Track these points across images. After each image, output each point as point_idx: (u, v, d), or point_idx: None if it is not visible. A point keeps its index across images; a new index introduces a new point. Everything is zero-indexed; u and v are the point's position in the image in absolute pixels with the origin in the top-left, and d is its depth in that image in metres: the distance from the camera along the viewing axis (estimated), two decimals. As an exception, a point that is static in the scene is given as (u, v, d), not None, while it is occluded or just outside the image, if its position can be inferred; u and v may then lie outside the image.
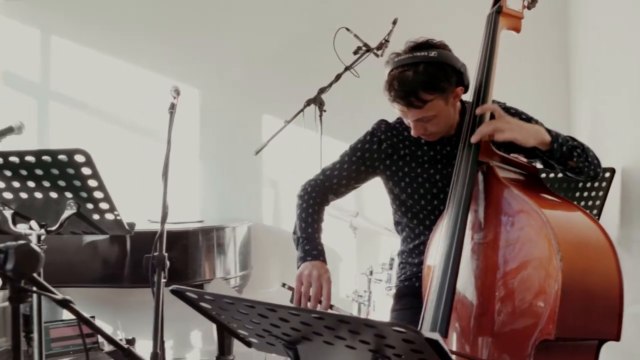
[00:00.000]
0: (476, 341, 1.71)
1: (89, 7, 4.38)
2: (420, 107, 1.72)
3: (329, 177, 2.06)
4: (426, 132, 1.81)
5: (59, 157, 1.63)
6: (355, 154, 2.04)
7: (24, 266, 1.02)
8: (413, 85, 1.69)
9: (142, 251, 3.23)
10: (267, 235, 3.98)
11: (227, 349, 3.50)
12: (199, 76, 4.16)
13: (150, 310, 3.94)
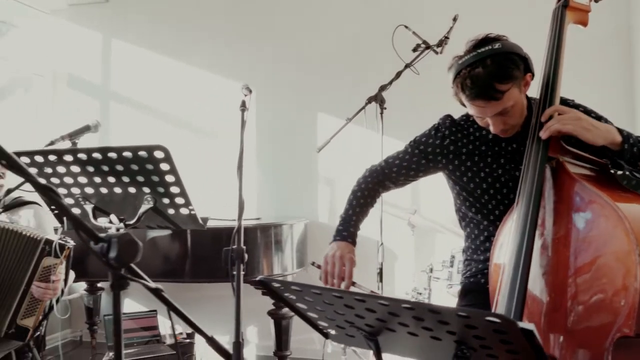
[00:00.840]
0: (548, 337, 1.69)
1: (147, 11, 4.52)
2: (499, 99, 1.69)
3: (390, 165, 2.10)
4: (505, 127, 1.79)
5: (139, 154, 1.69)
6: (418, 146, 2.05)
7: (125, 255, 1.07)
8: (487, 79, 1.67)
9: (201, 247, 3.34)
10: (322, 233, 4.00)
11: (284, 344, 3.55)
12: (254, 76, 4.23)
13: (208, 305, 4.07)
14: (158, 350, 3.33)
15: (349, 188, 4.05)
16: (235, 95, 4.25)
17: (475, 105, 1.75)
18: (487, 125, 1.81)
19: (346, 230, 2.03)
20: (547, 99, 1.77)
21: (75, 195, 1.89)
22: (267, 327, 4.13)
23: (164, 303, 1.27)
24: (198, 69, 4.39)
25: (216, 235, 3.31)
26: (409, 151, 2.08)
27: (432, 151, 2.02)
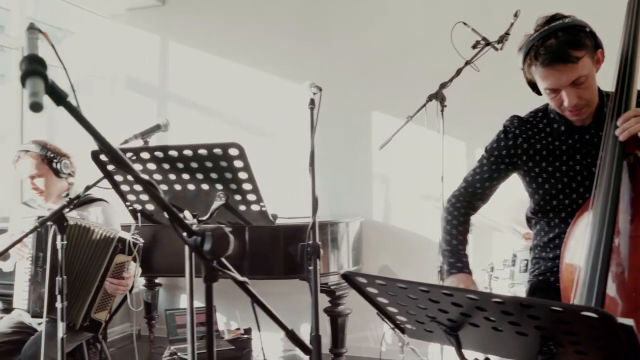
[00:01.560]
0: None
1: (203, 13, 4.62)
2: (575, 62, 1.67)
3: (472, 184, 2.07)
4: (580, 101, 1.76)
5: (214, 151, 1.74)
6: (492, 153, 2.03)
7: (218, 248, 1.11)
8: (560, 46, 1.67)
9: (261, 244, 3.39)
10: (377, 232, 4.02)
11: (340, 342, 3.57)
12: (309, 74, 4.25)
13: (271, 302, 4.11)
14: (217, 345, 3.39)
15: (403, 186, 4.05)
16: (291, 94, 4.33)
17: (549, 74, 1.72)
18: (560, 105, 1.78)
19: (459, 261, 1.99)
20: (624, 92, 1.74)
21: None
22: (323, 325, 4.17)
23: (248, 295, 1.31)
24: (254, 69, 4.45)
25: (274, 233, 3.35)
26: (485, 162, 2.06)
27: (507, 153, 2.00)
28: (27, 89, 0.83)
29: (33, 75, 0.85)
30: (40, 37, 0.95)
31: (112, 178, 1.94)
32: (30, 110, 0.80)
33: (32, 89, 0.82)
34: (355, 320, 3.72)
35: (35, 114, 0.74)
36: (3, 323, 2.75)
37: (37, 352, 2.48)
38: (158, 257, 3.27)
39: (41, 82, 0.85)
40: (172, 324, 3.49)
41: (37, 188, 2.76)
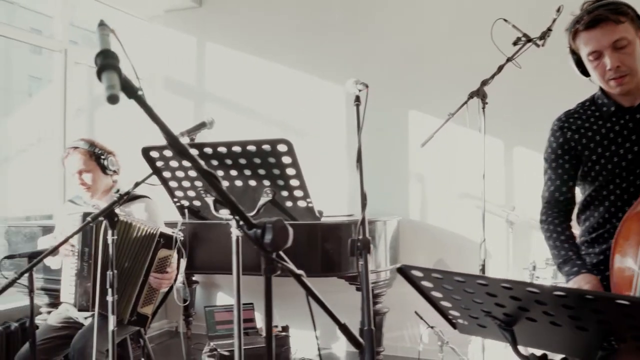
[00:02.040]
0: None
1: (239, 14, 4.66)
2: (617, 23, 1.74)
3: (552, 197, 2.02)
4: (622, 67, 1.75)
5: (263, 147, 1.76)
6: (555, 154, 1.99)
7: (279, 240, 1.13)
8: (603, 10, 1.75)
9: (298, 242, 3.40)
10: (414, 230, 4.01)
11: (377, 341, 3.56)
12: (345, 73, 4.27)
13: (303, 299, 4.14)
14: (255, 342, 3.43)
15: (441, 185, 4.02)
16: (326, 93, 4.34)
17: (592, 35, 1.77)
18: (603, 74, 1.79)
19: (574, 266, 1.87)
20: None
21: (197, 188, 1.98)
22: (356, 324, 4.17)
23: (304, 288, 1.32)
24: (289, 68, 4.48)
25: (311, 231, 3.36)
26: (550, 170, 2.03)
27: (565, 149, 1.96)
28: (104, 83, 0.86)
29: (108, 69, 0.88)
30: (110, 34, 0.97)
31: (160, 174, 1.99)
32: (108, 102, 0.83)
33: (108, 82, 0.85)
34: (392, 319, 3.71)
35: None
36: (52, 318, 2.82)
37: (85, 345, 2.54)
38: (200, 254, 3.30)
39: (116, 75, 0.87)
40: (211, 321, 3.53)
41: (84, 183, 2.82)
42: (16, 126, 5.26)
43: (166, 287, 2.64)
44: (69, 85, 4.41)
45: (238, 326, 2.01)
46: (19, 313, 3.69)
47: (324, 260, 3.36)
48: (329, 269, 3.36)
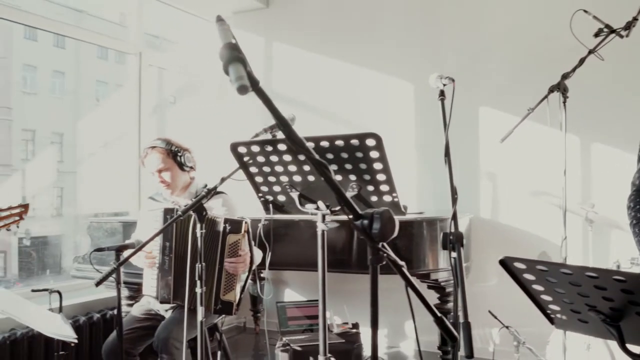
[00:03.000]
0: None
1: (306, 14, 4.70)
2: None
3: None
4: None
5: (351, 142, 1.78)
6: None
7: (386, 230, 1.13)
8: None
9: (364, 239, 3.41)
10: (485, 229, 3.94)
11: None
12: (412, 71, 4.25)
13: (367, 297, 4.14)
14: (327, 338, 3.44)
15: (513, 183, 3.93)
16: (394, 90, 4.32)
17: None
18: None
19: None
20: None
21: (283, 183, 2.01)
22: (429, 322, 4.14)
23: (404, 279, 1.32)
24: (357, 67, 4.48)
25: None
26: None
27: None
28: (232, 74, 0.88)
29: (235, 61, 0.90)
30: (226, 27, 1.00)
31: (247, 169, 2.03)
32: (238, 92, 0.86)
33: (236, 73, 0.88)
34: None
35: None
36: (135, 310, 2.93)
37: (169, 335, 2.63)
38: (275, 250, 3.34)
39: (242, 67, 0.90)
40: (283, 316, 3.57)
41: (164, 181, 2.92)
42: (91, 127, 5.49)
43: (242, 271, 2.68)
44: (143, 87, 4.56)
45: (323, 319, 2.03)
46: (100, 304, 3.85)
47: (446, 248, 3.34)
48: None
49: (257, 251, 2.97)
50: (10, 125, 5.89)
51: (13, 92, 6.06)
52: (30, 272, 5.02)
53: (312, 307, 3.71)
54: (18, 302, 2.44)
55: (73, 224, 5.50)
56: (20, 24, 3.92)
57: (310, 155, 1.08)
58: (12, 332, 3.31)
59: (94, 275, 3.62)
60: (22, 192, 5.20)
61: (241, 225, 2.64)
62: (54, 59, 6.24)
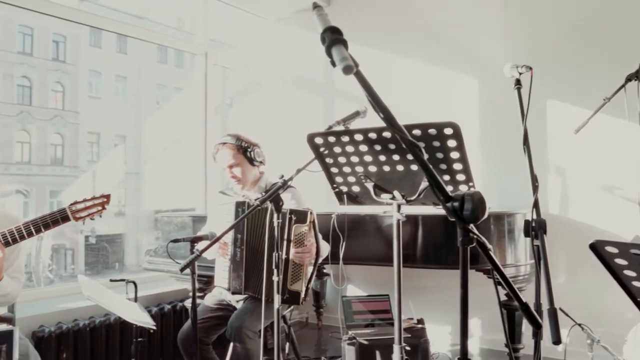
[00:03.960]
0: None
1: (368, 11, 4.72)
2: None
3: None
4: None
5: (429, 131, 1.78)
6: None
7: (478, 211, 1.14)
8: None
9: (435, 234, 3.39)
10: (553, 225, 3.82)
11: (517, 337, 3.47)
12: (475, 65, 4.20)
13: (439, 294, 4.12)
14: (391, 333, 3.44)
15: (582, 178, 3.82)
16: (458, 85, 4.28)
17: None
18: None
19: None
20: None
21: (358, 173, 2.04)
22: (493, 320, 4.07)
23: (490, 262, 1.31)
24: (418, 62, 4.46)
25: (449, 221, 3.32)
26: None
27: None
28: (336, 56, 0.91)
29: (337, 43, 0.94)
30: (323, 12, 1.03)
31: (323, 160, 2.06)
32: (344, 72, 0.89)
33: (340, 55, 0.91)
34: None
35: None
36: (208, 300, 3.01)
37: (241, 324, 2.70)
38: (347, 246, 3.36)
39: (344, 48, 0.93)
40: (349, 311, 3.59)
41: (235, 176, 2.99)
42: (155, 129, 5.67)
43: (309, 261, 2.71)
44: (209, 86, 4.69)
45: (399, 307, 2.04)
46: (170, 296, 3.99)
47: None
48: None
49: (324, 244, 3.01)
50: (77, 128, 6.16)
51: (80, 97, 6.35)
52: (96, 268, 5.24)
53: (376, 302, 3.71)
54: (102, 290, 2.56)
55: (135, 223, 5.71)
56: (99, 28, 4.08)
57: (404, 135, 1.10)
58: (92, 320, 3.47)
59: (165, 268, 3.78)
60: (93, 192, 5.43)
61: (306, 216, 2.68)
62: (117, 64, 6.50)
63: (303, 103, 5.05)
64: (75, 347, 3.35)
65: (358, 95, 3.99)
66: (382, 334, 3.39)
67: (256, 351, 2.72)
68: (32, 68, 5.92)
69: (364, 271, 4.48)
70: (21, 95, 5.87)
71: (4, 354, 1.87)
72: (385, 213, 3.44)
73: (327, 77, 4.92)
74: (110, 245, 5.56)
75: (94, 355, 3.43)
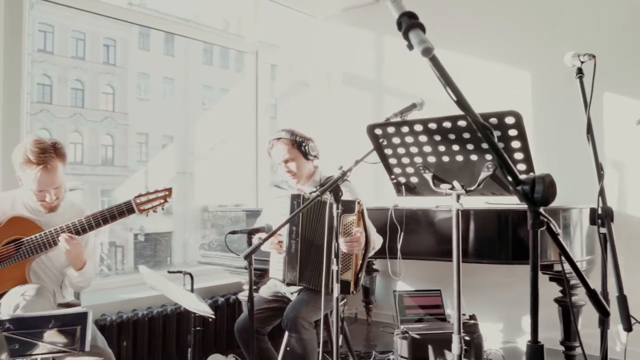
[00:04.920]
0: None
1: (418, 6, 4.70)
2: None
3: None
4: None
5: (490, 120, 1.78)
6: None
7: (549, 194, 1.15)
8: None
9: (488, 228, 3.36)
10: (610, 220, 3.76)
11: (573, 335, 3.41)
12: (529, 58, 4.15)
13: (490, 290, 4.09)
14: (444, 328, 3.44)
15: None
16: (510, 80, 4.23)
17: None
18: None
19: None
20: None
21: (417, 164, 2.05)
22: (545, 318, 4.00)
23: (558, 247, 1.32)
24: (470, 57, 4.42)
25: (502, 216, 3.30)
26: None
27: None
28: (413, 39, 0.94)
29: (414, 27, 0.96)
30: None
31: (382, 151, 2.09)
32: (423, 54, 0.92)
33: (418, 37, 0.94)
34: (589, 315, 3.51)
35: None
36: (263, 292, 3.07)
37: (297, 315, 2.75)
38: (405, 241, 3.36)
39: (422, 31, 0.96)
40: (401, 305, 3.60)
41: (290, 171, 3.04)
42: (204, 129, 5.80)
43: (358, 250, 2.73)
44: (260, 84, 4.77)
45: (458, 299, 2.05)
46: (223, 289, 4.08)
47: (515, 247, 3.29)
48: (520, 257, 3.27)
49: (376, 236, 3.03)
50: (127, 129, 6.36)
51: (129, 99, 6.54)
52: (145, 265, 5.39)
53: (428, 297, 3.70)
54: (162, 281, 2.65)
55: (182, 221, 5.84)
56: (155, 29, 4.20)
57: (476, 118, 1.12)
58: (149, 310, 3.58)
59: (219, 261, 3.86)
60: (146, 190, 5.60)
61: (354, 206, 2.71)
62: (164, 66, 6.67)
63: (351, 100, 5.07)
64: (135, 336, 3.46)
65: (407, 91, 4.01)
66: (434, 329, 3.39)
67: (311, 341, 2.76)
68: (84, 71, 6.14)
69: (412, 266, 4.47)
70: (74, 97, 6.09)
71: (78, 334, 1.96)
72: (438, 207, 3.44)
73: (376, 74, 4.93)
74: (158, 243, 5.72)
75: (151, 344, 3.55)
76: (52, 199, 2.48)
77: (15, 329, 1.87)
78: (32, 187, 2.42)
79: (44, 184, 2.42)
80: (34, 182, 2.40)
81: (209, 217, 4.29)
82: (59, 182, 2.48)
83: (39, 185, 2.41)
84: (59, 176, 2.47)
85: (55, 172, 2.44)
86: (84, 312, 1.90)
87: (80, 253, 2.47)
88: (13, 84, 3.20)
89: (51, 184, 2.44)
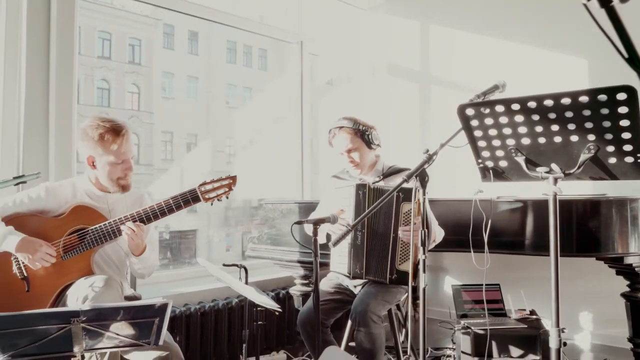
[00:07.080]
0: None
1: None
2: None
3: None
4: None
5: (598, 97, 1.67)
6: None
7: None
8: None
9: (542, 219, 3.23)
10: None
11: (636, 332, 3.27)
12: (586, 46, 4.00)
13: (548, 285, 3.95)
14: (505, 323, 3.32)
15: None
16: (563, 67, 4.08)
17: None
18: None
19: None
20: None
21: (508, 147, 1.95)
22: (607, 313, 3.87)
23: None
24: (522, 45, 4.28)
25: (565, 208, 3.17)
26: None
27: None
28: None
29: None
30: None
31: (471, 133, 1.98)
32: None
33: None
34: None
35: None
36: (325, 284, 2.97)
37: (366, 309, 2.65)
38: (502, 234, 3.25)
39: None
40: (459, 299, 3.48)
41: (353, 161, 2.94)
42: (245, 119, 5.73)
43: (417, 240, 2.64)
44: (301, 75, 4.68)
45: (556, 289, 1.94)
46: (272, 284, 4.01)
47: (580, 239, 3.16)
48: (586, 249, 3.14)
49: (438, 228, 2.92)
50: (152, 128, 6.34)
51: (154, 98, 6.53)
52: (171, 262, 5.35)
53: (492, 292, 3.57)
54: (222, 273, 2.57)
55: (206, 219, 5.79)
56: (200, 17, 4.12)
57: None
58: (201, 305, 3.51)
59: (269, 255, 3.78)
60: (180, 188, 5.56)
61: (414, 193, 2.62)
62: (188, 65, 6.65)
63: (398, 90, 4.96)
64: (187, 330, 3.39)
65: (457, 81, 3.87)
66: (495, 324, 3.27)
67: (380, 336, 2.67)
68: (110, 71, 6.15)
69: (460, 260, 4.37)
70: (100, 97, 6.09)
71: (155, 327, 1.88)
72: (499, 198, 3.31)
73: (422, 63, 4.81)
74: (182, 241, 5.68)
75: (203, 339, 3.47)
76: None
77: (93, 320, 1.79)
78: (117, 160, 2.42)
79: (128, 152, 2.46)
80: (117, 154, 2.41)
81: (256, 212, 4.21)
82: (133, 151, 2.52)
83: (124, 154, 2.43)
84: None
85: (130, 140, 2.47)
86: (164, 303, 1.82)
87: (142, 240, 2.41)
88: (65, 86, 3.14)
89: (130, 152, 2.47)
